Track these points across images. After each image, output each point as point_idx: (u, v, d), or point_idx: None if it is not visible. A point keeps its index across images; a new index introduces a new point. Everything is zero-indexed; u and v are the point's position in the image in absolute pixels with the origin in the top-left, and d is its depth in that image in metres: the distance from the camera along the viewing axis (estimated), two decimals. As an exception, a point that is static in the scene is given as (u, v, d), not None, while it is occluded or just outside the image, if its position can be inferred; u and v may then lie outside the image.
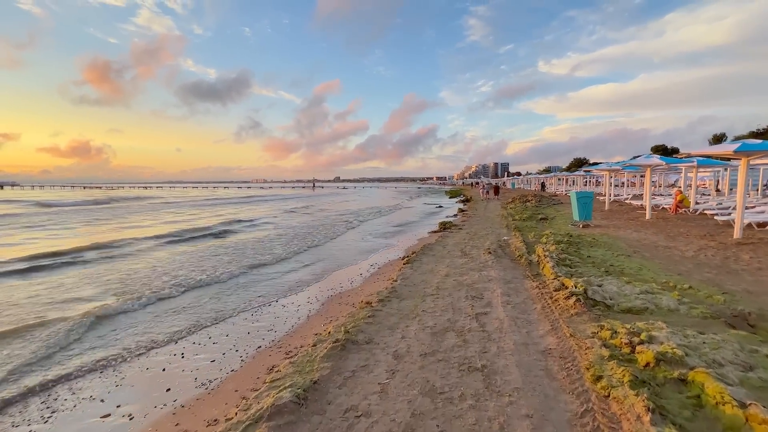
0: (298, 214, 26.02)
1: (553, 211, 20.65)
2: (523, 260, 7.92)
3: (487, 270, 7.30)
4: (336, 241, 14.53)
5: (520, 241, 10.19)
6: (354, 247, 12.75)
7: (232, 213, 28.02)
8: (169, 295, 7.38)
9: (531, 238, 11.17)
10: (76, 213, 29.65)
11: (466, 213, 21.99)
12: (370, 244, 13.48)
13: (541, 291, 5.83)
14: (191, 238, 15.19)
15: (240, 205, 39.10)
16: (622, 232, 11.91)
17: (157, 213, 29.20)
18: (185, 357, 4.79)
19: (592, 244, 9.90)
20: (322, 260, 10.59)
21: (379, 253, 11.36)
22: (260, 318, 6.04)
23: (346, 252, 11.93)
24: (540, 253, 8.17)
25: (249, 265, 9.93)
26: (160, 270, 9.48)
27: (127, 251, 12.22)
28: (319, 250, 12.36)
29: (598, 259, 8.00)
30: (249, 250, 12.30)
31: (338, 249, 12.53)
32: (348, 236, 15.80)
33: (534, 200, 26.87)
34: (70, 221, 22.88)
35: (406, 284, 6.47)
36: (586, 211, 13.72)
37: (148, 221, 22.78)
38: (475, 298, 5.59)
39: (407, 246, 12.30)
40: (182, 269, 9.49)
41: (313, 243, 13.80)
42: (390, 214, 26.35)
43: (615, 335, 3.88)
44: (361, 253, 11.43)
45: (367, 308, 5.19)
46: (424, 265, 7.94)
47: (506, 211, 21.59)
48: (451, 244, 10.59)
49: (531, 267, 7.49)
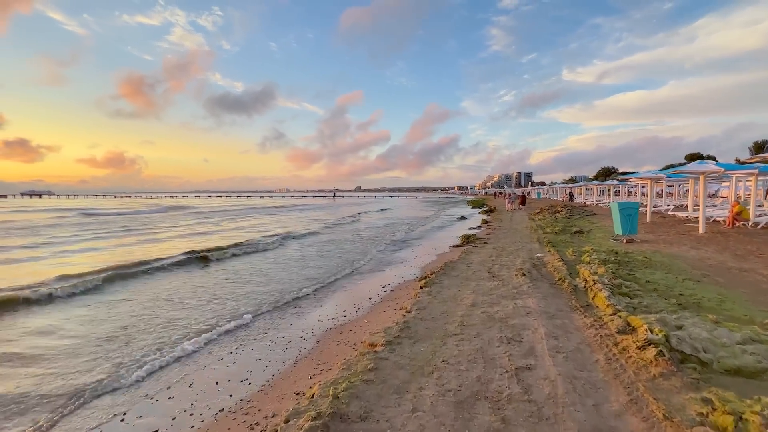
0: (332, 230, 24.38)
1: (587, 223, 18.89)
2: (566, 285, 6.51)
3: (523, 298, 5.94)
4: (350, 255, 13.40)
5: (557, 260, 8.75)
6: (366, 263, 11.55)
7: (280, 223, 27.56)
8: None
9: (569, 255, 9.69)
10: (161, 220, 31.14)
11: (491, 225, 20.48)
12: (382, 258, 12.25)
13: (599, 332, 4.45)
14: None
15: (276, 215, 38.21)
16: (677, 249, 10.26)
17: (217, 220, 31.00)
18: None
19: (646, 264, 8.36)
20: (333, 285, 9.46)
21: (393, 270, 10.12)
22: (238, 359, 4.88)
23: (360, 270, 10.75)
24: (586, 276, 6.75)
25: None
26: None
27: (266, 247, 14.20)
28: (329, 261, 11.26)
29: (661, 284, 6.50)
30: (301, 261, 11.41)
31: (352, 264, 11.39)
32: (364, 251, 14.62)
33: (564, 211, 25.03)
34: (175, 225, 25.57)
35: (422, 317, 5.21)
36: (630, 224, 12.08)
37: (230, 226, 24.62)
38: (512, 342, 4.27)
39: (425, 263, 11.01)
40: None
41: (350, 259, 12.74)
42: (407, 225, 25.07)
43: (743, 424, 2.52)
44: (371, 271, 10.22)
45: (369, 354, 3.97)
46: (445, 289, 6.65)
47: (534, 222, 19.96)
48: (476, 261, 9.24)
49: (577, 294, 6.08)
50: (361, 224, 24.37)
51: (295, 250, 13.94)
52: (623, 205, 12.18)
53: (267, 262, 11.53)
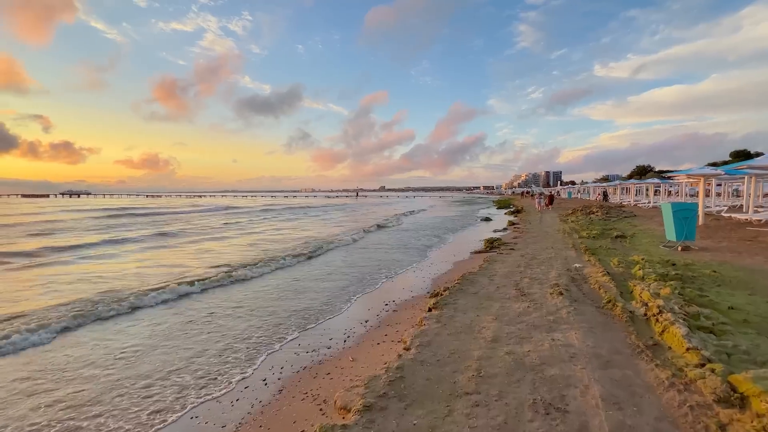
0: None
1: (627, 225, 16.88)
2: (619, 311, 4.98)
3: (563, 329, 4.48)
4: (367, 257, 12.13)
5: (601, 272, 7.16)
6: (368, 271, 10.20)
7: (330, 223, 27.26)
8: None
9: (615, 266, 8.06)
10: (242, 219, 32.38)
11: (518, 227, 18.74)
12: (389, 266, 10.86)
13: (685, 397, 2.97)
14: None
15: (313, 216, 37.48)
16: (749, 261, 8.41)
17: (278, 217, 32.75)
18: None
19: (718, 280, 6.65)
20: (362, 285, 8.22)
21: (399, 282, 8.74)
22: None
23: (362, 281, 9.46)
24: (646, 299, 5.18)
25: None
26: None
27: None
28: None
29: (751, 313, 4.86)
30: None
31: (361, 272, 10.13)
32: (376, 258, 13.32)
33: (600, 212, 22.89)
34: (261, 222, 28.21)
35: (423, 358, 3.85)
36: (687, 228, 10.23)
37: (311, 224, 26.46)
38: (552, 411, 2.86)
39: (438, 273, 9.55)
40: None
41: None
42: (425, 226, 23.60)
43: None
44: (374, 282, 8.83)
45: (338, 430, 2.66)
46: (459, 313, 5.25)
47: (567, 225, 18.08)
48: (501, 273, 7.76)
49: (636, 326, 4.55)
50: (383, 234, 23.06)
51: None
52: (678, 207, 10.34)
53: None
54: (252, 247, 14.87)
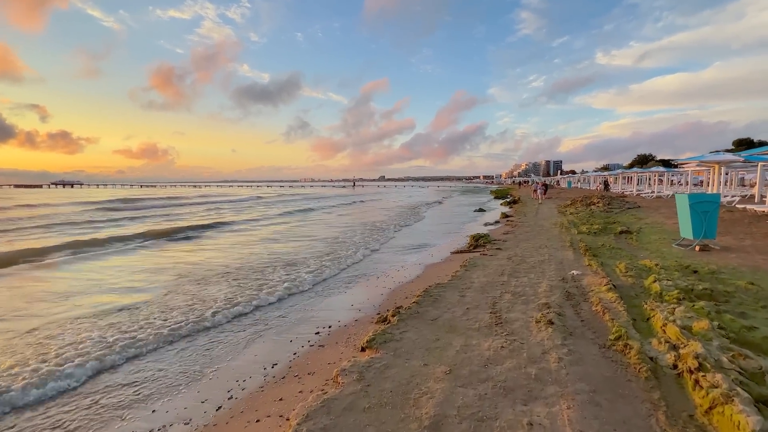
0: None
1: (632, 218, 15.22)
2: (634, 357, 3.35)
3: (548, 397, 2.85)
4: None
5: (605, 285, 5.52)
6: (313, 282, 8.40)
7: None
8: None
9: (622, 273, 6.41)
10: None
11: (512, 220, 17.08)
12: (343, 270, 9.10)
13: None
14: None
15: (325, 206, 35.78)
16: (789, 265, 6.77)
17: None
18: None
19: (759, 296, 5.01)
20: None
21: (346, 296, 6.80)
22: None
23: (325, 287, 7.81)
24: (674, 338, 3.55)
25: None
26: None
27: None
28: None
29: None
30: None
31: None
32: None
33: (601, 203, 21.20)
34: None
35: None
36: (707, 224, 8.56)
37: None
38: None
39: (401, 282, 7.66)
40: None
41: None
42: (412, 220, 21.96)
43: None
44: (313, 297, 6.94)
45: None
46: (398, 362, 3.59)
47: (566, 217, 16.41)
48: (477, 285, 6.10)
49: (663, 388, 2.93)
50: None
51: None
52: (696, 199, 8.65)
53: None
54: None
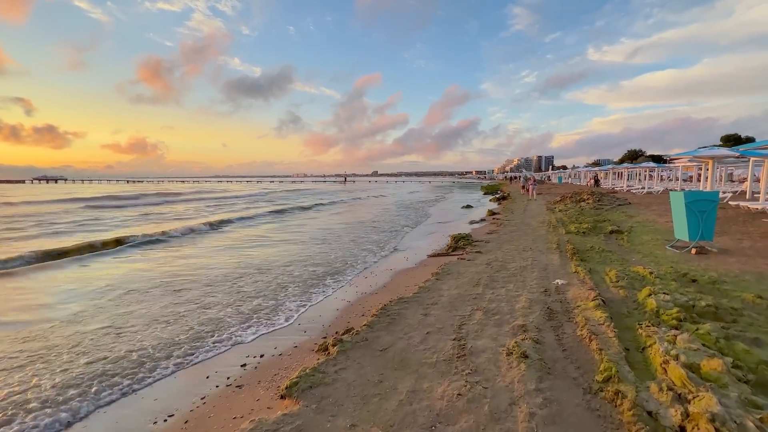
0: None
1: (622, 216, 14.55)
2: (627, 412, 2.55)
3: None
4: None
5: (593, 300, 4.72)
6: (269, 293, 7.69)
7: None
8: None
9: (613, 283, 5.63)
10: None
11: (498, 218, 16.31)
12: (303, 278, 8.26)
13: None
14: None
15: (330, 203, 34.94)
16: (796, 272, 6.05)
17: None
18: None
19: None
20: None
21: (287, 312, 6.04)
22: None
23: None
24: (679, 385, 2.75)
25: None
26: None
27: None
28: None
29: None
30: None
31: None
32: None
33: (591, 199, 20.54)
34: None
35: None
36: (704, 225, 7.83)
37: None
38: None
39: (364, 292, 6.73)
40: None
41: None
42: (389, 218, 21.13)
43: None
44: (258, 311, 5.96)
45: None
46: (328, 407, 2.73)
47: (554, 215, 15.69)
48: (446, 299, 5.27)
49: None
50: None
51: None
52: (693, 197, 7.91)
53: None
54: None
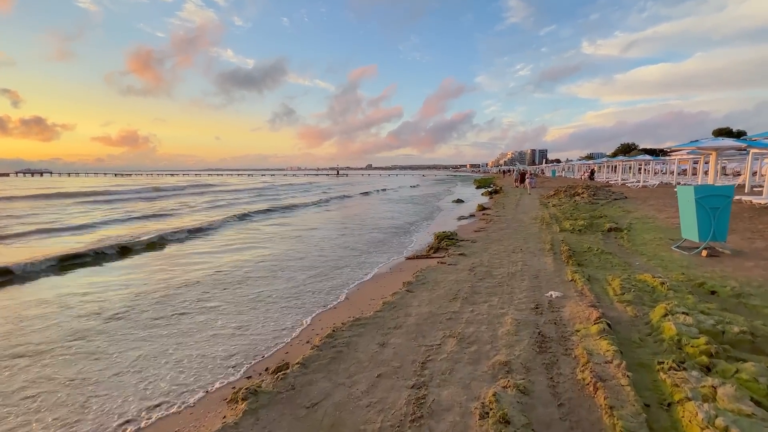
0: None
1: (619, 211, 13.62)
2: None
3: None
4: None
5: (595, 324, 3.72)
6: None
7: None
8: None
9: (617, 296, 4.64)
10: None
11: (488, 213, 15.32)
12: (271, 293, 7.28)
13: None
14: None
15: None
16: (831, 281, 5.11)
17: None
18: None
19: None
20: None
21: (244, 328, 5.06)
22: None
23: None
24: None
25: None
26: None
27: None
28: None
29: None
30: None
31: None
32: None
33: (586, 193, 19.64)
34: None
35: None
36: (716, 224, 6.87)
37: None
38: None
39: (321, 309, 5.57)
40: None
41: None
42: (376, 212, 20.09)
43: None
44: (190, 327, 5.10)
45: None
46: None
47: (547, 210, 14.74)
48: (414, 320, 4.24)
49: None
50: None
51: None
52: (704, 192, 6.91)
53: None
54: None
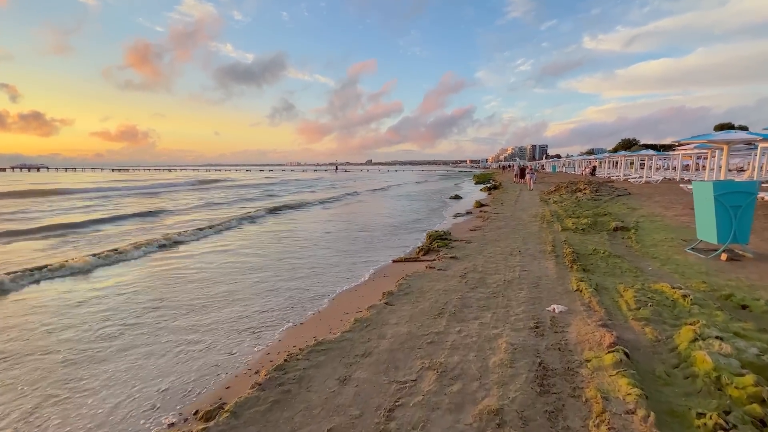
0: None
1: (624, 208, 12.90)
2: None
3: None
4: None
5: (609, 353, 3.01)
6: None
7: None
8: None
9: (632, 314, 3.92)
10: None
11: (486, 210, 14.59)
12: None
13: None
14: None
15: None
16: None
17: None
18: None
19: None
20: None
21: (175, 362, 4.41)
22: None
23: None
24: None
25: None
26: None
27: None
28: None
29: None
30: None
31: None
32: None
33: (588, 189, 18.91)
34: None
35: None
36: (738, 225, 6.15)
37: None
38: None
39: (291, 323, 4.84)
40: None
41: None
42: (369, 209, 19.37)
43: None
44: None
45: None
46: None
47: (548, 207, 14.02)
48: (387, 345, 3.51)
49: None
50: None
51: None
52: (724, 189, 6.18)
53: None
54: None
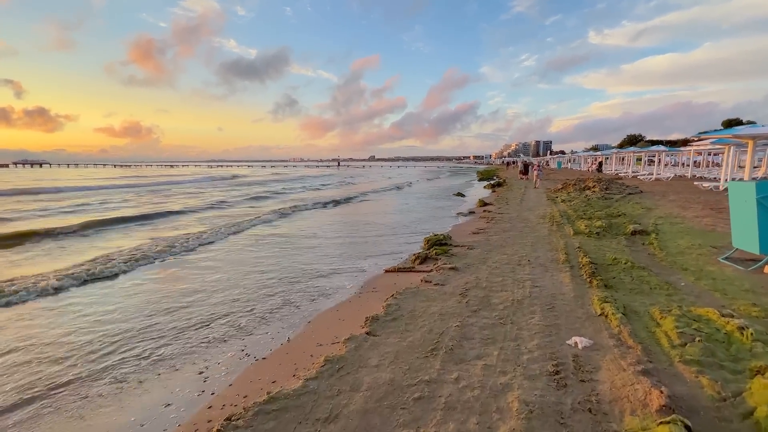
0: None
1: (638, 208, 11.94)
2: None
3: None
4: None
5: (660, 423, 2.19)
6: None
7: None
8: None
9: (677, 353, 3.03)
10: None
11: (489, 210, 13.69)
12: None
13: None
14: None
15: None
16: None
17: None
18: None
19: None
20: None
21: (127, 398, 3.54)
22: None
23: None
24: None
25: None
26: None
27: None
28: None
29: None
30: None
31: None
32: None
33: (598, 187, 17.92)
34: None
35: None
36: (787, 232, 5.26)
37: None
38: None
39: (254, 357, 3.93)
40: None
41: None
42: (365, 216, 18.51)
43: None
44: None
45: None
46: None
47: (556, 207, 13.09)
48: (361, 402, 2.66)
49: None
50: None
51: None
52: (767, 190, 5.27)
53: None
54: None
